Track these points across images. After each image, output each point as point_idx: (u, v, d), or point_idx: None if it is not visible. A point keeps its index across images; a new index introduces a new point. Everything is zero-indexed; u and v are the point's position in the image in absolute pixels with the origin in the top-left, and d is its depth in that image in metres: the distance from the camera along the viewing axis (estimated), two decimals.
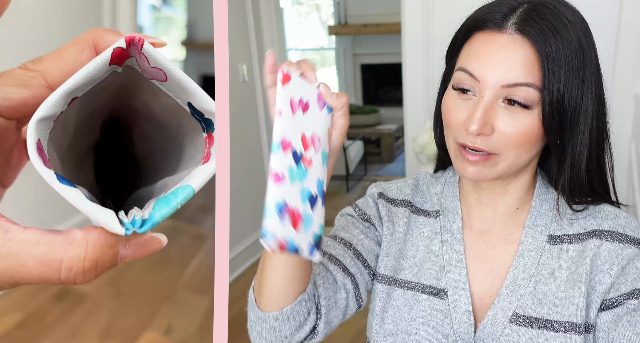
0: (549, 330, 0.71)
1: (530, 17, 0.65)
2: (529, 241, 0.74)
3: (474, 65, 0.67)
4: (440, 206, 0.80)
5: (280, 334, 0.71)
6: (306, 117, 0.57)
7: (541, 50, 0.64)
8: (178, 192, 0.35)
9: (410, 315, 0.77)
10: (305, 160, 0.55)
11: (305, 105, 0.57)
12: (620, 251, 0.71)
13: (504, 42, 0.65)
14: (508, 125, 0.65)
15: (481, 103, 0.66)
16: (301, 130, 0.56)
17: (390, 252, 0.81)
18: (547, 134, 0.67)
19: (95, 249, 0.33)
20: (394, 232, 0.81)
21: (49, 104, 0.32)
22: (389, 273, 0.81)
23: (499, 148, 0.66)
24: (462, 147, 0.68)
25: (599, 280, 0.71)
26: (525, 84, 0.64)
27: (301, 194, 0.54)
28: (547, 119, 0.65)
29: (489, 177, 0.69)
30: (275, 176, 0.52)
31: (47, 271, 0.32)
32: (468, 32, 0.69)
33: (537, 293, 0.72)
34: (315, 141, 0.56)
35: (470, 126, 0.65)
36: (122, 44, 0.34)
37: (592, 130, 0.68)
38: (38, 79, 0.34)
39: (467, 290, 0.75)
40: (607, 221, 0.73)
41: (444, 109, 0.71)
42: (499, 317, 0.73)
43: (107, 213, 0.33)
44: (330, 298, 0.74)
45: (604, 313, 0.71)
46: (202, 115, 0.37)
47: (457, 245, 0.77)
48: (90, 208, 0.32)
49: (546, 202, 0.75)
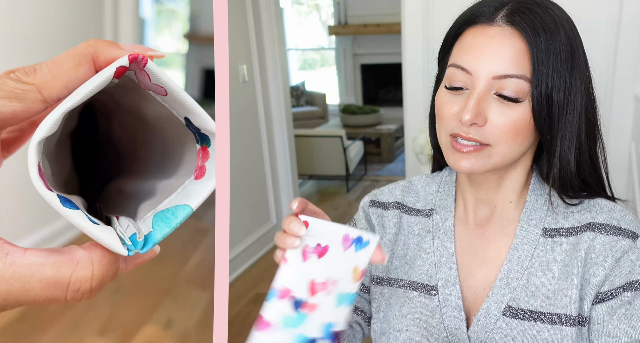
0: (542, 322, 0.72)
1: (520, 9, 0.67)
2: (524, 234, 0.75)
3: (465, 58, 0.68)
4: (435, 204, 0.81)
5: None
6: (321, 262, 0.57)
7: (531, 41, 0.65)
8: (177, 213, 0.35)
9: (402, 312, 0.79)
10: (307, 305, 0.56)
11: (323, 249, 0.57)
12: (614, 244, 0.71)
13: (494, 34, 0.67)
14: (500, 116, 0.66)
15: (474, 94, 0.67)
16: (311, 277, 0.57)
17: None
18: (537, 125, 0.68)
19: (101, 268, 0.33)
20: (384, 235, 0.83)
21: (49, 124, 0.31)
22: (380, 274, 0.82)
23: (492, 139, 0.67)
24: (454, 139, 0.69)
25: (593, 272, 0.71)
26: (515, 76, 0.66)
27: (295, 340, 0.55)
28: (537, 110, 0.66)
29: (482, 169, 0.69)
30: (262, 324, 0.55)
31: (55, 293, 0.32)
32: (459, 29, 0.71)
33: (530, 286, 0.73)
34: (328, 285, 0.56)
35: (464, 116, 0.66)
36: (124, 62, 0.33)
37: (580, 123, 0.69)
38: (33, 93, 0.33)
39: (457, 286, 0.76)
40: (601, 214, 0.73)
41: (437, 106, 0.72)
42: (492, 309, 0.74)
43: (108, 234, 0.33)
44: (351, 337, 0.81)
45: (598, 306, 0.71)
46: (198, 130, 0.37)
47: (448, 242, 0.78)
48: (91, 229, 0.32)
49: (541, 197, 0.76)
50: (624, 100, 2.12)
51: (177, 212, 0.35)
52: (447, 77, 0.70)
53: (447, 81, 0.70)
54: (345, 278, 0.56)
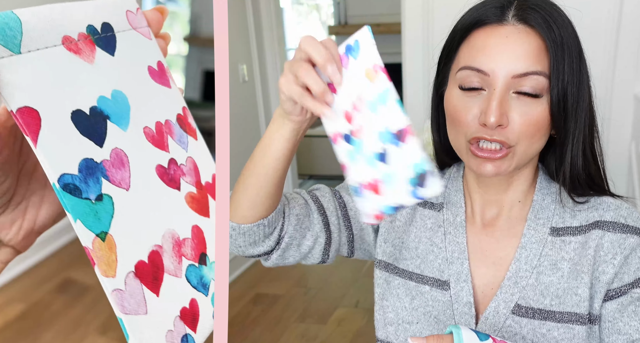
0: (552, 321, 0.72)
1: (529, 7, 0.66)
2: (531, 233, 0.75)
3: (480, 60, 0.67)
4: (444, 199, 0.81)
5: (235, 243, 0.77)
6: (339, 93, 0.58)
7: (548, 36, 0.65)
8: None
9: (412, 305, 0.79)
10: (354, 132, 0.57)
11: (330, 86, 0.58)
12: (623, 241, 0.71)
13: (508, 34, 0.66)
14: (522, 115, 0.66)
15: (494, 95, 0.65)
16: (342, 110, 0.58)
17: (389, 238, 0.82)
18: (554, 121, 0.67)
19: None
20: (394, 220, 0.83)
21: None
22: (387, 260, 0.82)
23: (515, 139, 0.67)
24: (475, 145, 0.68)
25: (603, 270, 0.71)
26: (535, 73, 0.65)
27: (367, 162, 0.56)
28: (555, 105, 0.66)
29: (506, 172, 0.69)
30: (342, 168, 0.58)
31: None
32: (465, 32, 0.69)
33: (540, 285, 0.73)
34: (357, 105, 0.56)
35: (489, 118, 0.65)
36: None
37: (586, 116, 0.69)
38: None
39: (469, 282, 0.76)
40: (609, 212, 0.74)
41: (450, 110, 0.70)
42: (500, 308, 0.74)
43: None
44: (295, 238, 0.78)
45: (608, 304, 0.71)
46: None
47: (460, 237, 0.78)
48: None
49: (548, 195, 0.76)
50: (624, 100, 2.12)
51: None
52: (460, 80, 0.68)
53: (461, 83, 0.69)
54: (366, 88, 0.55)
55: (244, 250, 0.77)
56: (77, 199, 0.31)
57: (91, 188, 0.32)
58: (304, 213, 0.79)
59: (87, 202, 0.32)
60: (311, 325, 2.47)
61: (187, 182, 0.39)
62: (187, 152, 0.40)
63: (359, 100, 0.56)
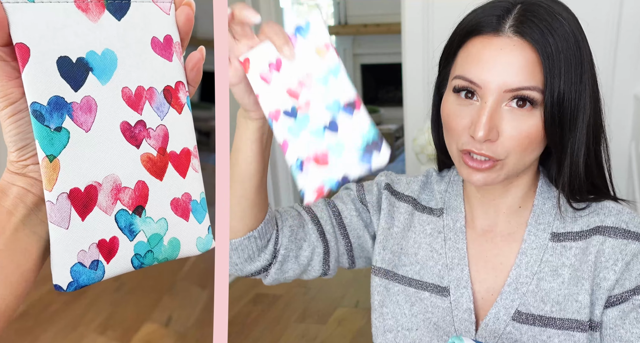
0: (552, 328, 0.71)
1: (527, 18, 0.64)
2: (532, 239, 0.74)
3: (473, 71, 0.66)
4: (444, 204, 0.80)
5: (231, 261, 0.76)
6: (283, 71, 0.58)
7: (542, 51, 0.63)
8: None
9: (412, 311, 0.78)
10: (300, 108, 0.58)
11: (277, 62, 0.58)
12: (624, 247, 0.70)
13: (503, 46, 0.64)
14: (513, 128, 0.65)
15: (485, 109, 0.65)
16: (284, 88, 0.58)
17: (387, 245, 0.81)
18: (548, 134, 0.66)
19: None
20: (391, 226, 0.82)
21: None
22: (386, 267, 0.81)
23: (503, 153, 0.66)
24: (467, 154, 0.67)
25: (604, 276, 0.71)
26: (528, 88, 0.64)
27: (314, 135, 0.57)
28: (549, 119, 0.65)
29: (496, 182, 0.68)
30: (282, 146, 0.57)
31: None
32: (463, 37, 0.68)
33: (540, 291, 0.72)
34: (305, 82, 0.57)
35: (477, 133, 0.64)
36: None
37: (589, 126, 0.68)
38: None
39: (469, 289, 0.75)
40: (610, 217, 0.73)
41: (444, 115, 0.70)
42: (501, 314, 0.73)
43: None
44: (291, 250, 0.78)
45: (609, 310, 0.71)
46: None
47: (460, 243, 0.77)
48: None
49: (549, 200, 0.75)
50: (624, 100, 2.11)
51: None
52: (455, 88, 0.68)
53: (455, 91, 0.68)
54: (314, 65, 0.57)
55: (241, 267, 0.77)
56: (39, 124, 0.38)
57: (54, 120, 0.38)
58: (297, 224, 0.78)
59: (46, 128, 0.38)
60: (311, 325, 2.47)
61: (149, 144, 0.43)
62: (161, 121, 0.44)
63: (306, 76, 0.57)
